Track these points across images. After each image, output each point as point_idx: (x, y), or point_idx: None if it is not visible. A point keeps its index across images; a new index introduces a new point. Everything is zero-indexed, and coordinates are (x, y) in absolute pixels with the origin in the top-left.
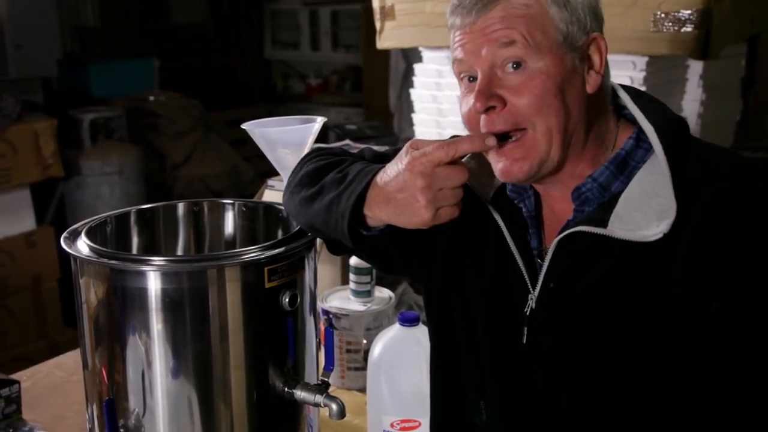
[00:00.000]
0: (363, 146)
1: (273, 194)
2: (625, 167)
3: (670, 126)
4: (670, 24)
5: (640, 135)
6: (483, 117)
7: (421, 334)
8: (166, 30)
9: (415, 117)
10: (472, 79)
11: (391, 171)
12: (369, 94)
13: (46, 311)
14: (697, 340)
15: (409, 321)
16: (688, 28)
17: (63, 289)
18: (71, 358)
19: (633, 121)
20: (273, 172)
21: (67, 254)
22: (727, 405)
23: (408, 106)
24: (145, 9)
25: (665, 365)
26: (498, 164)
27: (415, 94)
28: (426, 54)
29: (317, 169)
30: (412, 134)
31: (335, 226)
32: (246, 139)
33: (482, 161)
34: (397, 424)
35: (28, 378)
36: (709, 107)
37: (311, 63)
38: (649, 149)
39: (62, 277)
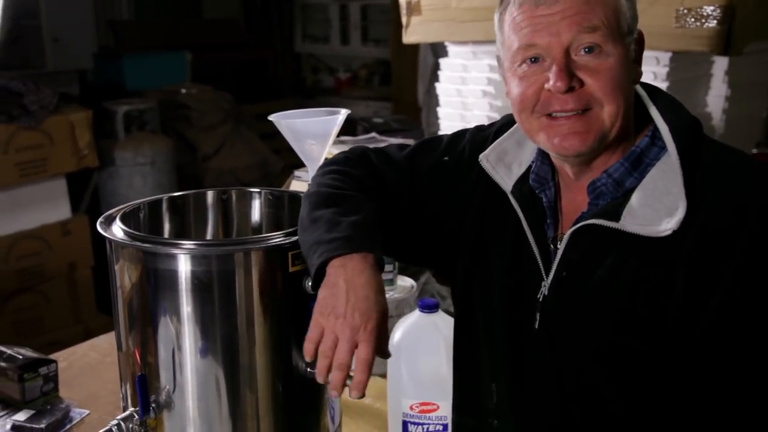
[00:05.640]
0: (396, 141)
1: (300, 185)
2: (640, 164)
3: (685, 125)
4: (693, 20)
5: (655, 133)
6: (558, 96)
7: (440, 320)
8: (199, 24)
9: (441, 111)
10: (534, 60)
11: (346, 286)
12: (397, 88)
13: (81, 297)
14: (697, 334)
15: (428, 307)
16: (711, 24)
17: (97, 276)
18: (105, 341)
19: (649, 119)
20: (301, 164)
21: (102, 242)
22: (725, 399)
23: (436, 100)
24: (178, 4)
25: (667, 357)
26: (554, 139)
27: (440, 88)
28: (451, 49)
29: (328, 196)
30: (438, 128)
31: (311, 267)
32: (276, 132)
33: (502, 153)
34: (416, 406)
35: (65, 359)
36: (734, 103)
37: (341, 57)
38: (663, 147)
39: (96, 264)
